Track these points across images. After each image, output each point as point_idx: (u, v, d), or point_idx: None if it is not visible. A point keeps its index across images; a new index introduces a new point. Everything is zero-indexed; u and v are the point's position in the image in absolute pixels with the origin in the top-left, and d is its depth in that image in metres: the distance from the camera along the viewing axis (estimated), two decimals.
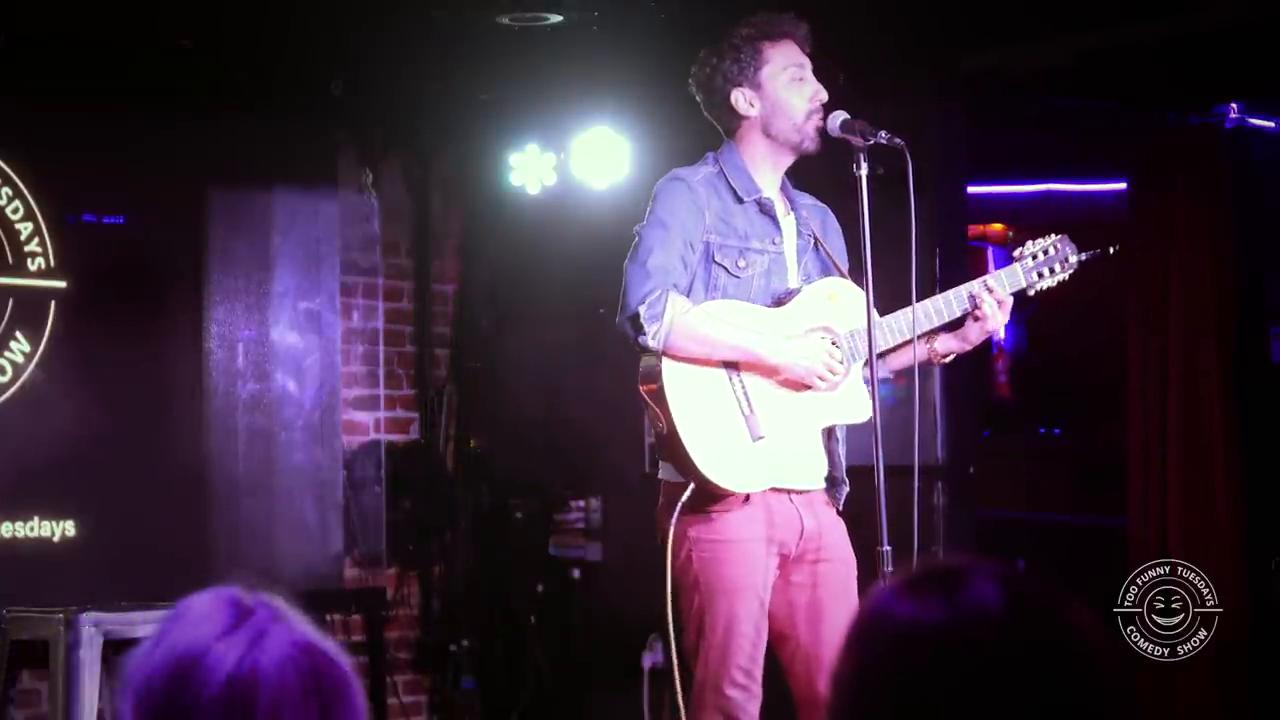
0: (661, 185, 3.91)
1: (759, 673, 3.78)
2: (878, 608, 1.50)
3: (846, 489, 3.92)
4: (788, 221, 3.94)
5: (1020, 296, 4.03)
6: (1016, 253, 4.00)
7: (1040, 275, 3.96)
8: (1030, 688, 1.45)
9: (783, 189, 3.97)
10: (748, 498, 3.77)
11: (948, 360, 3.99)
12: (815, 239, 3.96)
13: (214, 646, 1.57)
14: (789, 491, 3.82)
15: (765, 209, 3.89)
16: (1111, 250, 4.04)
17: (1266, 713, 5.84)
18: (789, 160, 3.93)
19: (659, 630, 6.31)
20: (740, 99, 3.90)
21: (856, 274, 3.92)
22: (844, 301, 3.85)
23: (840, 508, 3.93)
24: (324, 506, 6.70)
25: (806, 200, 4.02)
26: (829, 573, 3.83)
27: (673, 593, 3.82)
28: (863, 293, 3.83)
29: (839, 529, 3.89)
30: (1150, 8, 5.38)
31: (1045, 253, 3.96)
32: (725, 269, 3.82)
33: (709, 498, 3.77)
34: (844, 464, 3.93)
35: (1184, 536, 5.96)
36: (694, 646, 3.80)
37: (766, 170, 3.92)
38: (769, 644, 3.83)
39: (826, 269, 3.97)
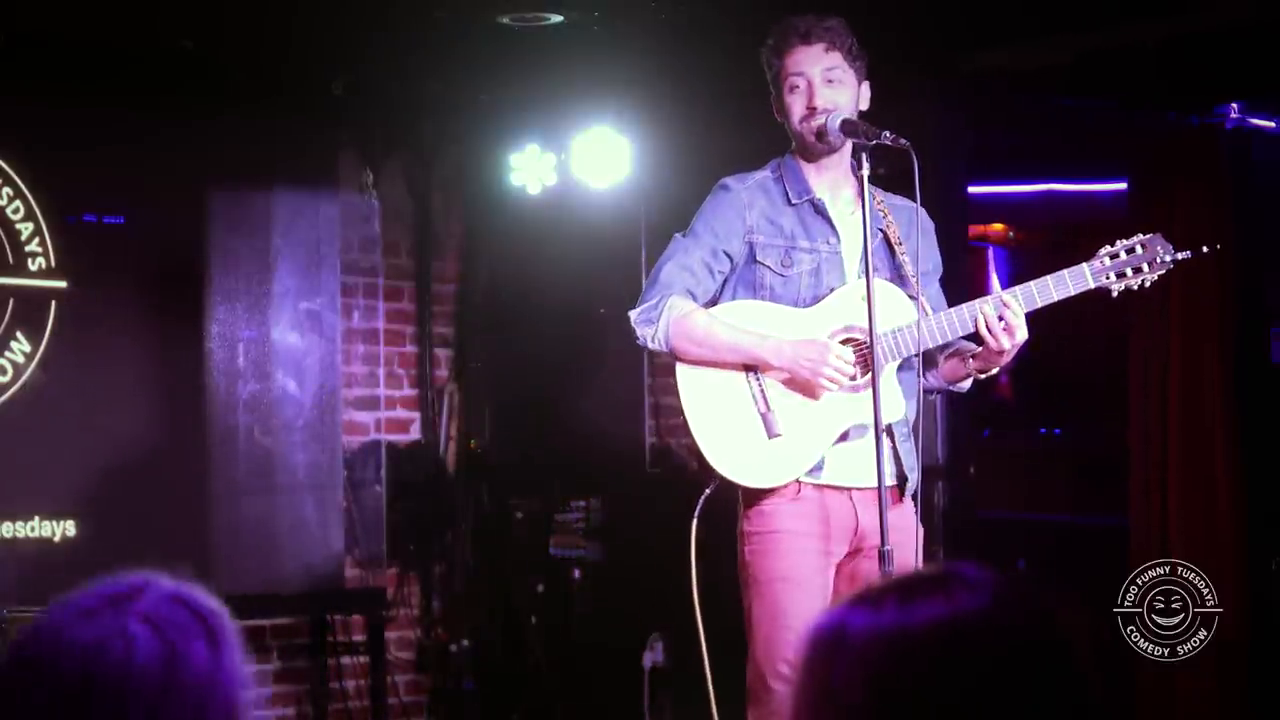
0: (711, 194, 3.99)
1: None
2: (843, 624, 1.49)
3: (910, 481, 3.90)
4: (851, 220, 3.92)
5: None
6: (1100, 252, 3.90)
7: (1121, 275, 3.89)
8: (1019, 688, 1.45)
9: (856, 189, 3.88)
10: (799, 491, 3.80)
11: (985, 376, 3.98)
12: (888, 239, 3.94)
13: (65, 618, 1.62)
14: (849, 490, 3.84)
15: (819, 209, 3.92)
16: (1205, 249, 3.97)
17: (1266, 713, 5.84)
18: (820, 161, 3.94)
19: (659, 630, 6.34)
20: (775, 109, 4.00)
21: (929, 275, 3.97)
22: (879, 302, 3.79)
23: (904, 497, 3.90)
24: (324, 506, 6.70)
25: (896, 201, 4.00)
26: (873, 570, 3.76)
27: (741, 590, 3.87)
28: (900, 293, 3.85)
29: (901, 526, 3.81)
30: (1150, 8, 5.38)
31: (1129, 252, 3.90)
32: (769, 268, 3.88)
33: (760, 492, 3.82)
34: (914, 458, 3.91)
35: (1184, 536, 5.95)
36: (749, 641, 3.84)
37: (814, 172, 3.95)
38: None
39: (893, 268, 3.95)
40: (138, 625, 1.60)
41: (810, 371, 3.79)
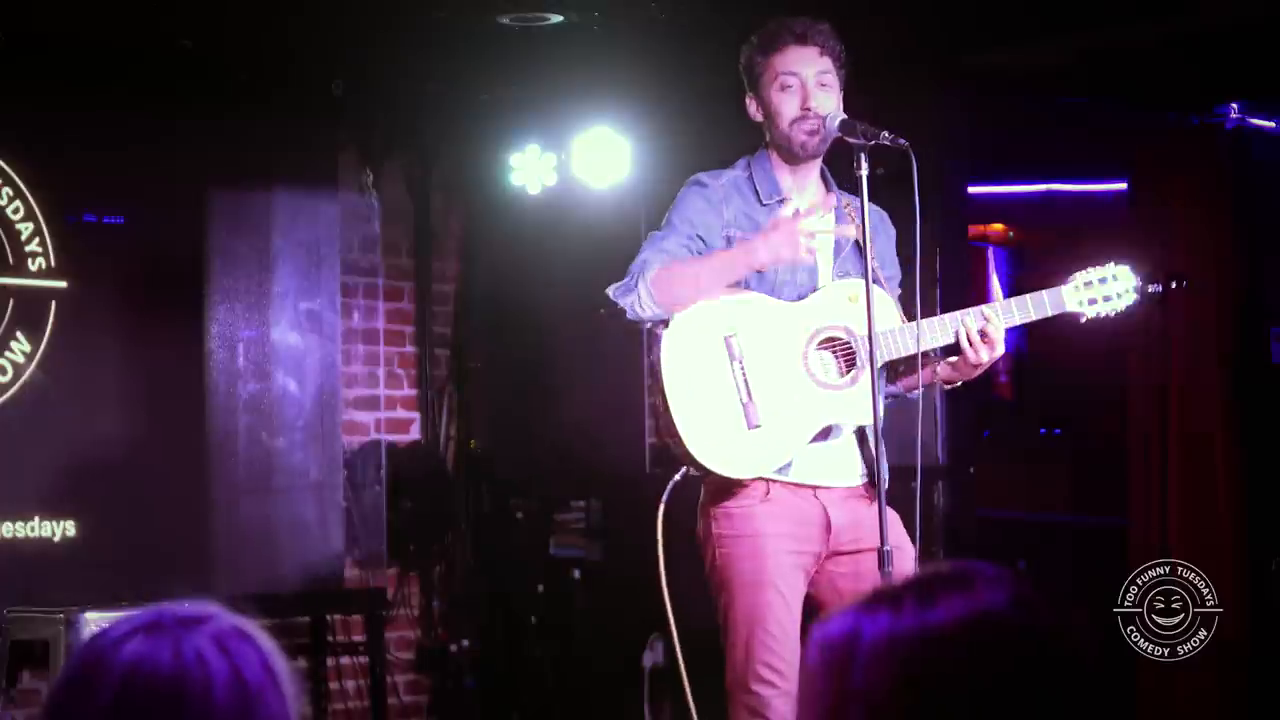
0: (683, 188, 3.98)
1: (790, 669, 3.77)
2: (858, 629, 1.50)
3: (885, 486, 3.86)
4: (821, 223, 3.93)
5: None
6: (1074, 277, 3.92)
7: (1093, 302, 3.91)
8: (1043, 682, 1.45)
9: (826, 191, 3.98)
10: (768, 492, 3.80)
11: (949, 387, 3.99)
12: (857, 241, 3.94)
13: (114, 646, 1.57)
14: (814, 489, 3.84)
15: None
16: (1174, 285, 3.98)
17: (1266, 712, 5.84)
18: (800, 164, 3.95)
19: (659, 630, 6.34)
20: (751, 106, 3.99)
21: (891, 279, 3.98)
22: (864, 303, 3.81)
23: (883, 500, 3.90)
24: (324, 507, 6.70)
25: (860, 204, 4.01)
26: (872, 563, 3.73)
27: (712, 593, 3.87)
28: (887, 296, 3.86)
29: (875, 525, 3.75)
30: (1150, 8, 5.38)
31: (1101, 281, 3.92)
32: None
33: (727, 493, 3.82)
34: (884, 463, 3.87)
35: (1184, 536, 5.95)
36: (726, 645, 3.84)
37: (787, 173, 3.96)
38: None
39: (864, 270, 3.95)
40: (212, 650, 1.57)
41: (789, 247, 3.69)
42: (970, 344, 3.80)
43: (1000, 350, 3.83)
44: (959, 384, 3.97)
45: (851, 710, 1.47)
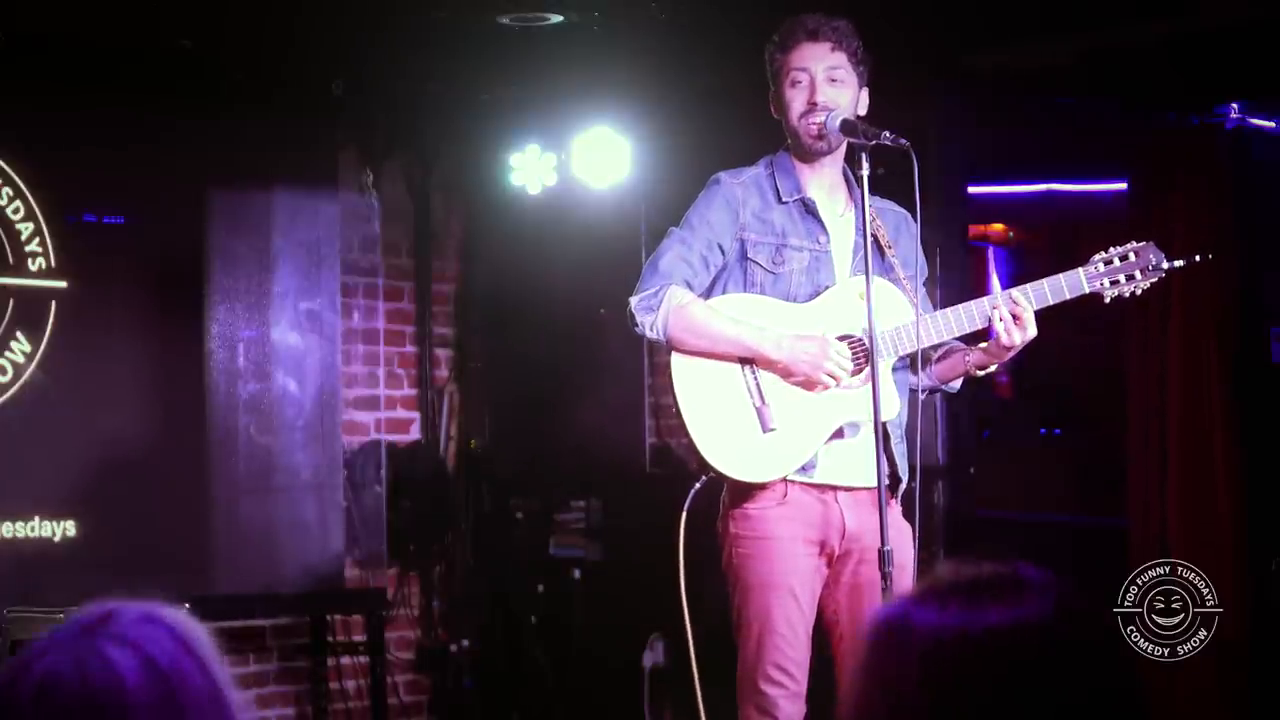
0: (704, 189, 4.00)
1: (799, 670, 3.81)
2: (906, 618, 1.50)
3: (904, 485, 3.90)
4: (841, 222, 3.96)
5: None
6: (1094, 258, 3.91)
7: (1114, 282, 3.89)
8: (1077, 689, 1.45)
9: (847, 191, 3.98)
10: (786, 494, 3.81)
11: (983, 373, 3.99)
12: (878, 241, 3.94)
13: (25, 667, 1.55)
14: (834, 489, 3.85)
15: (809, 208, 3.93)
16: (1197, 259, 3.97)
17: (1266, 712, 5.84)
18: (814, 161, 3.95)
19: (659, 630, 6.34)
20: (772, 105, 4.01)
21: (915, 278, 3.96)
22: (875, 300, 3.80)
23: (900, 502, 3.91)
24: (324, 507, 6.70)
25: (885, 205, 4.02)
26: (874, 576, 3.76)
27: (728, 591, 3.90)
28: (898, 292, 3.86)
29: (894, 525, 3.79)
30: (1151, 8, 5.38)
31: (1123, 259, 3.91)
32: (760, 265, 3.89)
33: (747, 495, 3.84)
34: (906, 460, 3.91)
35: (1184, 536, 5.95)
36: (738, 643, 3.86)
37: (807, 171, 3.96)
38: (830, 642, 3.87)
39: (884, 270, 3.95)
40: (114, 649, 1.54)
41: (810, 366, 3.79)
42: (1005, 328, 3.79)
43: (1033, 331, 3.82)
44: (991, 369, 3.95)
45: (882, 694, 1.48)
